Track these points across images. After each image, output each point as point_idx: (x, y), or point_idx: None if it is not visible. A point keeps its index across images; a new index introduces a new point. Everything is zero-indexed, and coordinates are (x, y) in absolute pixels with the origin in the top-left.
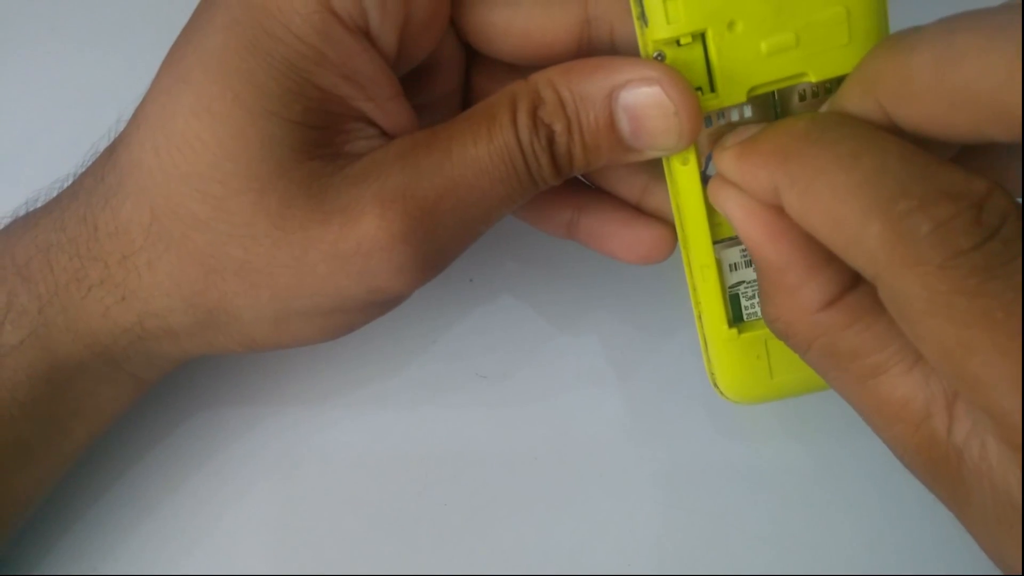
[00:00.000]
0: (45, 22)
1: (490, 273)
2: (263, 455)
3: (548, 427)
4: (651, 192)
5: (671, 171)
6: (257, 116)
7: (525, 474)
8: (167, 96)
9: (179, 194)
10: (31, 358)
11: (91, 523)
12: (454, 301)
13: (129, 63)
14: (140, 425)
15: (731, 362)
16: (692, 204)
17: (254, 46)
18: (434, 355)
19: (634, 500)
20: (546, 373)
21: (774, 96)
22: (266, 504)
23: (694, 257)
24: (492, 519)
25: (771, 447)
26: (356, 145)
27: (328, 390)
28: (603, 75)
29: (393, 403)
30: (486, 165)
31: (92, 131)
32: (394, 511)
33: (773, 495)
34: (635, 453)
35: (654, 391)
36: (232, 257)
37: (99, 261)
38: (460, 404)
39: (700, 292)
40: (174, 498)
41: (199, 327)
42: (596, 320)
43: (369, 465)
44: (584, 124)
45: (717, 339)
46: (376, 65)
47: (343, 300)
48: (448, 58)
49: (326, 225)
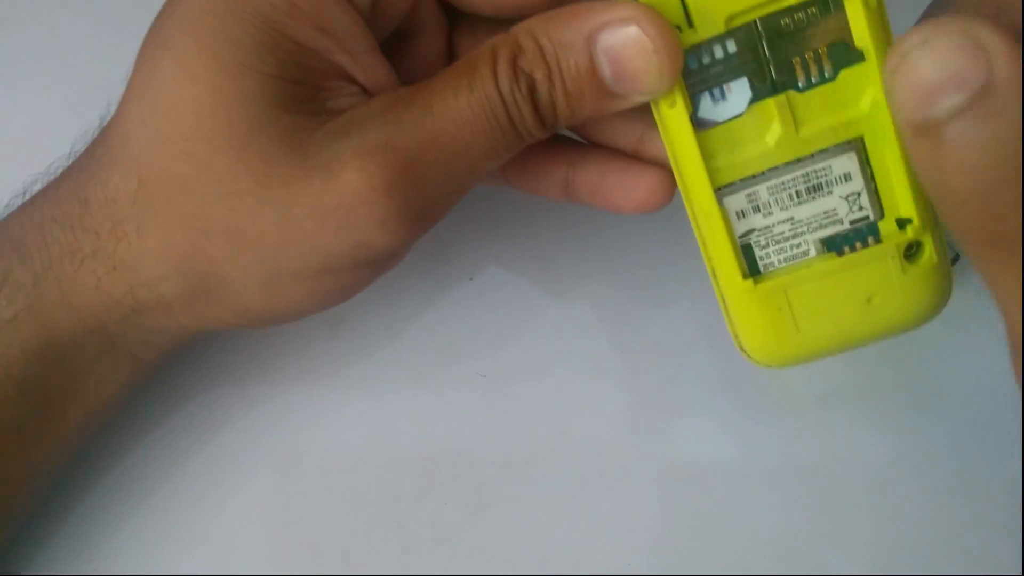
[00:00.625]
0: (45, 22)
1: (491, 272)
2: (261, 455)
3: (548, 426)
4: (648, 140)
5: (661, 117)
6: (233, 71)
7: (525, 474)
8: (149, 64)
9: (164, 158)
10: (25, 334)
11: (86, 517)
12: (454, 300)
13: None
14: (136, 419)
15: (751, 317)
16: (686, 149)
17: (228, 2)
18: (434, 353)
19: (634, 500)
20: (546, 372)
21: (756, 27)
22: (265, 504)
23: (697, 206)
24: (492, 519)
25: (771, 447)
26: (338, 102)
27: (328, 389)
28: (581, 20)
29: (393, 402)
30: (467, 116)
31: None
32: (394, 510)
33: (773, 495)
34: (635, 453)
35: (655, 392)
36: (218, 218)
37: (91, 232)
38: (460, 403)
39: (709, 244)
40: (171, 495)
41: (191, 296)
42: (597, 320)
43: (368, 464)
44: (565, 71)
45: (733, 292)
46: (350, 17)
47: (330, 258)
48: (429, 21)
49: (308, 180)
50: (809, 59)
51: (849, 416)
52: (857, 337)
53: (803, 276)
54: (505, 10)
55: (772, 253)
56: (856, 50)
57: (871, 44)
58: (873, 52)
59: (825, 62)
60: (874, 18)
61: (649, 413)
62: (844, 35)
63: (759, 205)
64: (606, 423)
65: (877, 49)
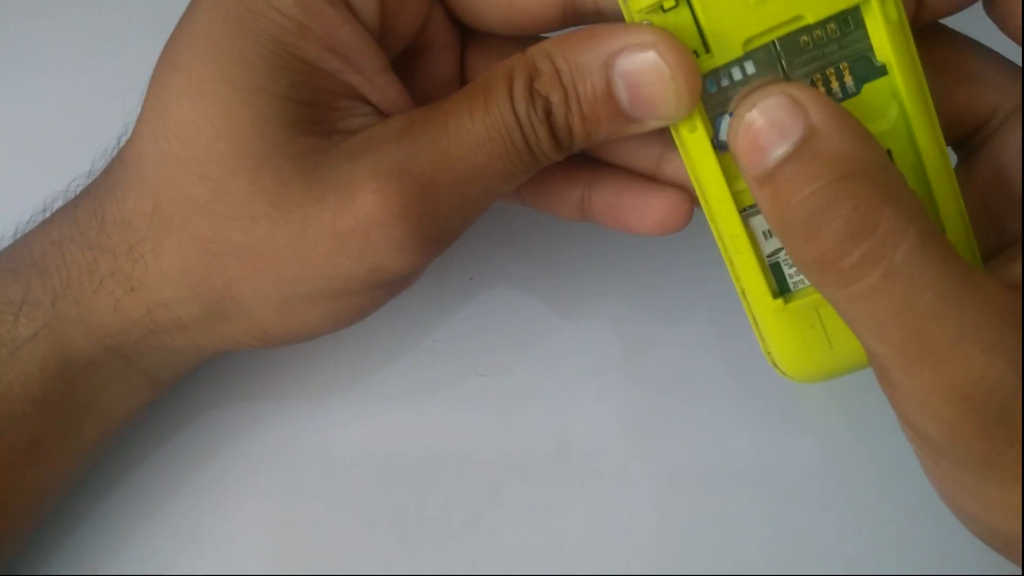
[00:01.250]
0: (45, 22)
1: (490, 271)
2: (262, 454)
3: (548, 426)
4: (667, 161)
5: (681, 141)
6: (245, 93)
7: (525, 474)
8: (161, 84)
9: (178, 179)
10: (44, 352)
11: (93, 522)
12: (454, 300)
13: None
14: (139, 424)
15: (784, 336)
16: (709, 172)
17: (238, 24)
18: (434, 354)
19: (634, 500)
20: (546, 372)
21: (775, 47)
22: (265, 503)
23: (723, 228)
24: (492, 519)
25: (771, 446)
26: (351, 123)
27: (327, 389)
28: (598, 43)
29: (392, 402)
30: (483, 139)
31: (93, 131)
32: (394, 510)
33: (773, 495)
34: (636, 452)
35: (655, 391)
36: (233, 241)
37: (108, 252)
38: (460, 403)
39: (737, 266)
40: (172, 497)
41: (208, 317)
42: (597, 319)
43: (368, 464)
44: (581, 94)
45: (764, 313)
46: (360, 36)
47: (346, 281)
48: (439, 38)
49: (323, 202)
50: (831, 75)
51: (850, 416)
52: None
53: None
54: (517, 29)
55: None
56: (878, 64)
57: (893, 58)
58: (896, 65)
59: (847, 77)
60: (896, 32)
61: (649, 413)
62: (865, 50)
63: None
64: (606, 423)
65: (900, 62)
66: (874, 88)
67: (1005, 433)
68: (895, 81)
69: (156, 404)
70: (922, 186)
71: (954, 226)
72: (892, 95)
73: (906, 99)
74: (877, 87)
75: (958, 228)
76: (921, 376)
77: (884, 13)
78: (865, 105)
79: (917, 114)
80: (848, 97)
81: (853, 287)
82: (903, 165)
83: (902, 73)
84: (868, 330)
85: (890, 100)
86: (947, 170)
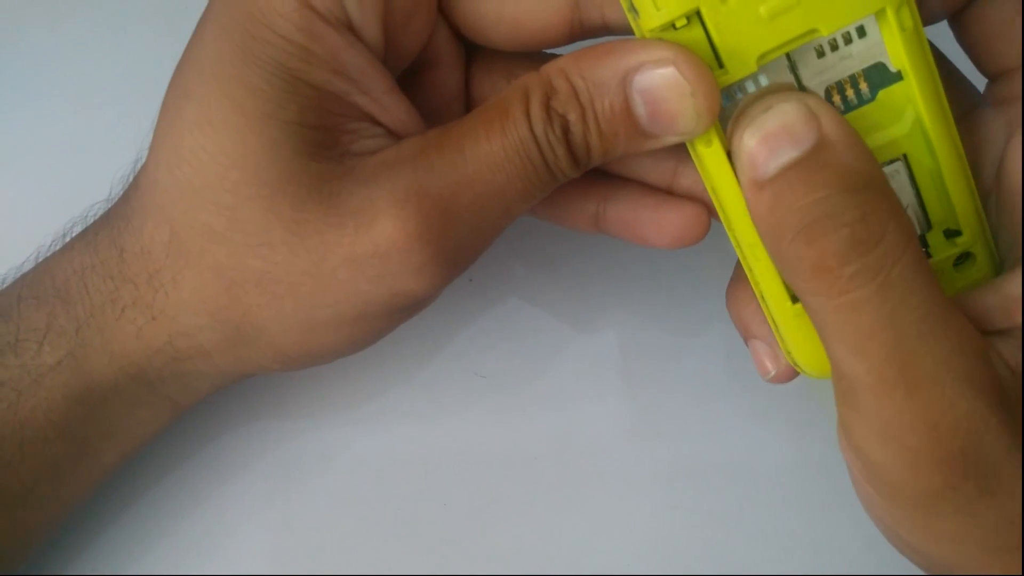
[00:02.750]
0: (45, 21)
1: (490, 273)
2: (262, 454)
3: (548, 427)
4: (682, 174)
5: (698, 156)
6: (256, 121)
7: (525, 474)
8: (173, 113)
9: (193, 208)
10: (67, 378)
11: (94, 523)
12: (454, 301)
13: (132, 62)
14: None
15: (803, 337)
16: (726, 185)
17: (244, 52)
18: (434, 355)
19: (634, 500)
20: (546, 373)
21: (789, 60)
22: (266, 503)
23: (741, 238)
24: (492, 519)
25: (772, 446)
26: (363, 144)
27: (327, 389)
28: (615, 60)
29: (393, 403)
30: (501, 160)
31: (111, 157)
32: (394, 511)
33: (773, 495)
34: (635, 453)
35: (655, 390)
36: (251, 268)
37: (129, 282)
38: (460, 404)
39: (756, 272)
40: (174, 501)
41: (229, 344)
42: (596, 319)
43: (369, 465)
44: (599, 111)
45: (783, 317)
46: (364, 58)
47: (366, 306)
48: (445, 54)
49: (341, 228)
50: (845, 84)
51: None
52: None
53: None
54: (523, 45)
55: None
56: (894, 71)
57: (909, 64)
58: (911, 71)
59: (862, 84)
60: (911, 39)
61: (649, 413)
62: (880, 57)
63: None
64: (605, 423)
65: (915, 68)
66: (890, 94)
67: (962, 467)
68: (911, 86)
69: None
70: (939, 190)
71: (972, 230)
72: (908, 100)
73: (922, 104)
74: (893, 93)
75: (975, 231)
76: (893, 399)
77: (899, 22)
78: (881, 110)
79: (934, 119)
80: (864, 103)
81: (845, 297)
82: (920, 169)
83: (918, 79)
84: (848, 345)
85: (906, 105)
86: (964, 174)
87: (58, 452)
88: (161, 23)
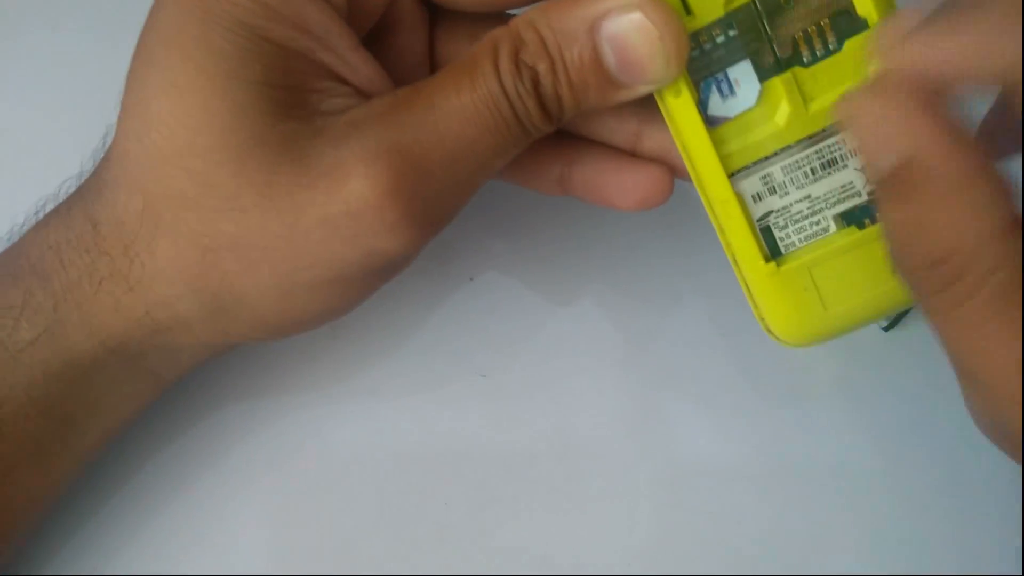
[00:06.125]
0: (45, 21)
1: (491, 272)
2: (261, 453)
3: (548, 426)
4: (646, 136)
5: (667, 108)
6: (220, 82)
7: (525, 474)
8: (138, 81)
9: (164, 176)
10: (46, 355)
11: (94, 523)
12: (454, 300)
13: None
14: (137, 423)
15: (777, 299)
16: (696, 138)
17: (205, 12)
18: (434, 354)
19: (634, 500)
20: (546, 372)
21: (756, 7)
22: (265, 503)
23: (712, 194)
24: (492, 519)
25: (772, 444)
26: (331, 104)
27: (328, 389)
28: (583, 8)
29: (393, 402)
30: (471, 115)
31: (81, 132)
32: (394, 510)
33: (773, 495)
34: (636, 452)
35: (655, 391)
36: (225, 233)
37: (105, 254)
38: (460, 403)
39: (728, 231)
40: (172, 498)
41: (208, 313)
42: (597, 319)
43: (369, 464)
44: (568, 61)
45: (757, 277)
46: (327, 15)
47: (343, 267)
48: (408, 16)
49: (313, 189)
50: (812, 33)
51: (850, 416)
52: (885, 308)
53: (826, 253)
54: (486, 5)
55: (792, 233)
56: (860, 19)
57: (875, 9)
58: (877, 18)
59: (828, 34)
60: None
61: (649, 413)
62: (846, 4)
63: (775, 186)
64: (606, 423)
65: (881, 15)
66: (856, 43)
67: None
68: None
69: (155, 404)
70: None
71: None
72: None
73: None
74: (859, 42)
75: None
76: None
77: None
78: (848, 61)
79: None
80: (830, 54)
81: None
82: None
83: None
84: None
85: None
86: None
87: (40, 429)
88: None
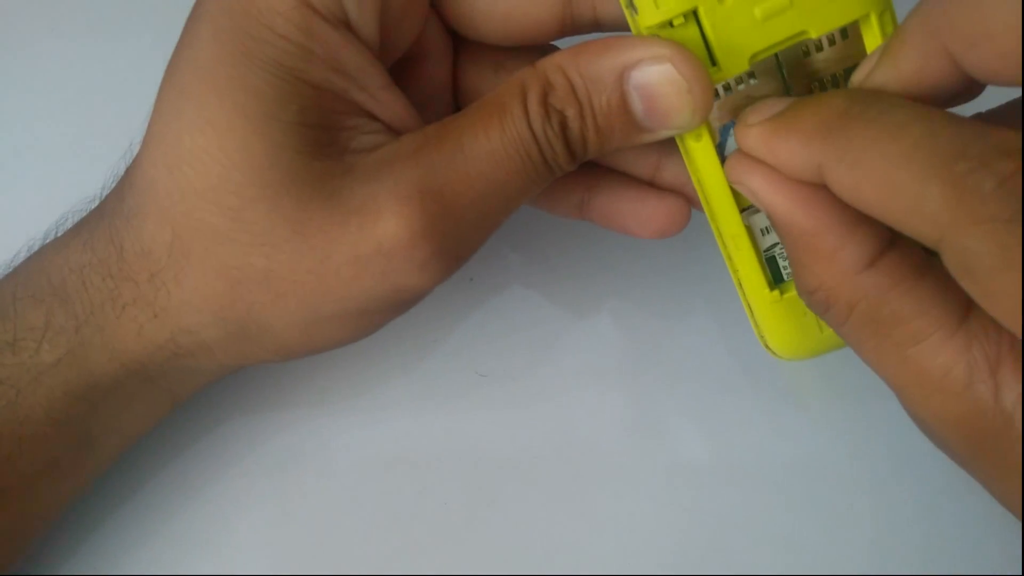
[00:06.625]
0: (45, 21)
1: (491, 272)
2: (262, 453)
3: (549, 427)
4: (664, 167)
5: (686, 149)
6: (257, 123)
7: (525, 474)
8: (171, 113)
9: (196, 210)
10: (68, 376)
11: (94, 524)
12: (454, 300)
13: (130, 61)
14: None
15: (779, 324)
16: (712, 178)
17: (243, 52)
18: (434, 354)
19: (634, 500)
20: (546, 372)
21: (777, 59)
22: (265, 503)
23: (724, 228)
24: (492, 519)
25: (774, 445)
26: (361, 141)
27: (327, 389)
28: (613, 56)
29: (393, 402)
30: (501, 157)
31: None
32: (394, 511)
33: (773, 495)
34: (636, 453)
35: (655, 391)
36: (255, 267)
37: (129, 280)
38: (460, 403)
39: (736, 261)
40: (174, 500)
41: (231, 340)
42: (596, 320)
43: (369, 464)
44: (596, 107)
45: (761, 304)
46: (362, 55)
47: (369, 301)
48: (434, 47)
49: (344, 226)
50: (827, 83)
51: (850, 416)
52: None
53: None
54: (514, 40)
55: None
56: None
57: None
58: None
59: (843, 84)
60: None
61: (649, 413)
62: (860, 58)
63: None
64: (606, 423)
65: None
66: None
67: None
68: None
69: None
70: None
71: None
72: None
73: None
74: None
75: None
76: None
77: (881, 26)
78: None
79: None
80: None
81: None
82: None
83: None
84: None
85: None
86: None
87: (57, 448)
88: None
